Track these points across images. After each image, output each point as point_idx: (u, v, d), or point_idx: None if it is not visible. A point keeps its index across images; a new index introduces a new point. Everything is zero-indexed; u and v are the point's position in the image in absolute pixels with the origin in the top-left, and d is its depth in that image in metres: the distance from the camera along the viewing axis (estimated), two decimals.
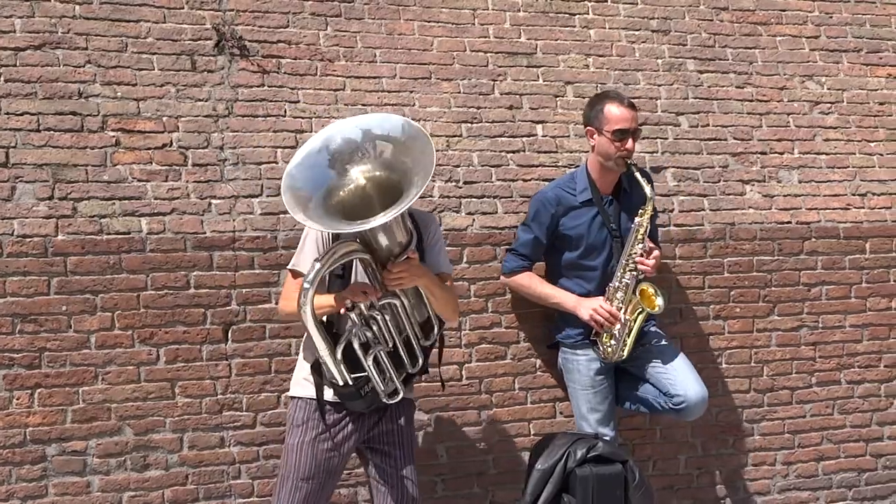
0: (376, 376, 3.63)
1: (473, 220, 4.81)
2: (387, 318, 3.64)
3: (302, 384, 3.89)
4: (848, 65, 5.60)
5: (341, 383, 3.63)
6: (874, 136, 5.53)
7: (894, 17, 5.74)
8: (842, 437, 5.35)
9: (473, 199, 4.84)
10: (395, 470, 3.91)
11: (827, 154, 5.42)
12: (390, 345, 3.67)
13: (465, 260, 4.77)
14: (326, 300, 3.65)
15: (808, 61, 5.53)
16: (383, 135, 3.63)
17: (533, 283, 4.62)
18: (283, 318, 4.37)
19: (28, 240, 4.24)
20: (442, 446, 4.77)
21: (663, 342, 4.66)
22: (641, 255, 4.39)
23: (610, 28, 5.28)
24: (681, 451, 5.12)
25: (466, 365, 4.79)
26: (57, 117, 4.37)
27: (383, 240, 3.57)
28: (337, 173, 3.59)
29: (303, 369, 3.90)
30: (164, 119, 4.51)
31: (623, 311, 4.41)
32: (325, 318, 3.63)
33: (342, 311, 3.61)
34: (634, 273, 4.40)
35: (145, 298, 4.36)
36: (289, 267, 3.89)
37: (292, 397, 3.96)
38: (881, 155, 5.51)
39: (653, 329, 4.67)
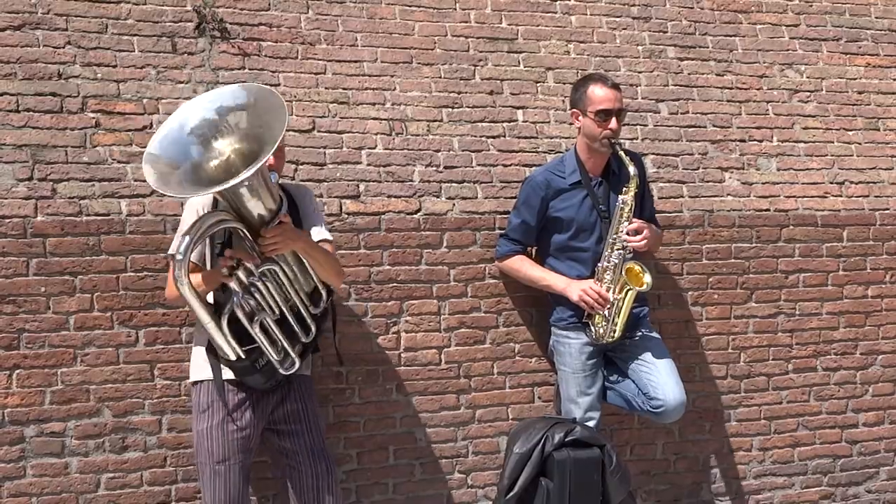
0: (268, 347, 3.64)
1: (454, 204, 4.82)
2: (269, 286, 3.64)
3: (200, 367, 3.91)
4: (827, 53, 5.63)
5: (233, 357, 3.63)
6: (852, 124, 5.56)
7: (873, 7, 5.77)
8: (818, 423, 5.38)
9: (454, 184, 4.85)
10: (308, 448, 3.95)
11: (805, 142, 5.45)
12: (276, 312, 3.67)
13: (444, 244, 4.78)
14: (206, 273, 3.69)
15: (787, 50, 5.56)
16: (235, 105, 3.64)
17: (524, 266, 4.64)
18: (170, 304, 4.32)
19: (7, 220, 4.22)
20: (420, 430, 4.78)
21: (653, 335, 4.66)
22: (628, 234, 4.38)
23: (591, 14, 5.28)
24: (658, 437, 5.14)
25: (445, 349, 4.80)
26: (36, 98, 4.35)
27: (252, 206, 3.54)
28: (201, 149, 3.57)
29: (198, 354, 3.92)
30: (145, 101, 4.50)
31: (612, 290, 4.41)
32: (210, 297, 3.65)
33: (222, 278, 3.58)
34: (622, 252, 4.39)
35: (125, 280, 4.35)
36: (168, 253, 3.88)
37: (193, 383, 3.98)
38: (859, 144, 5.54)
39: (645, 314, 4.67)
